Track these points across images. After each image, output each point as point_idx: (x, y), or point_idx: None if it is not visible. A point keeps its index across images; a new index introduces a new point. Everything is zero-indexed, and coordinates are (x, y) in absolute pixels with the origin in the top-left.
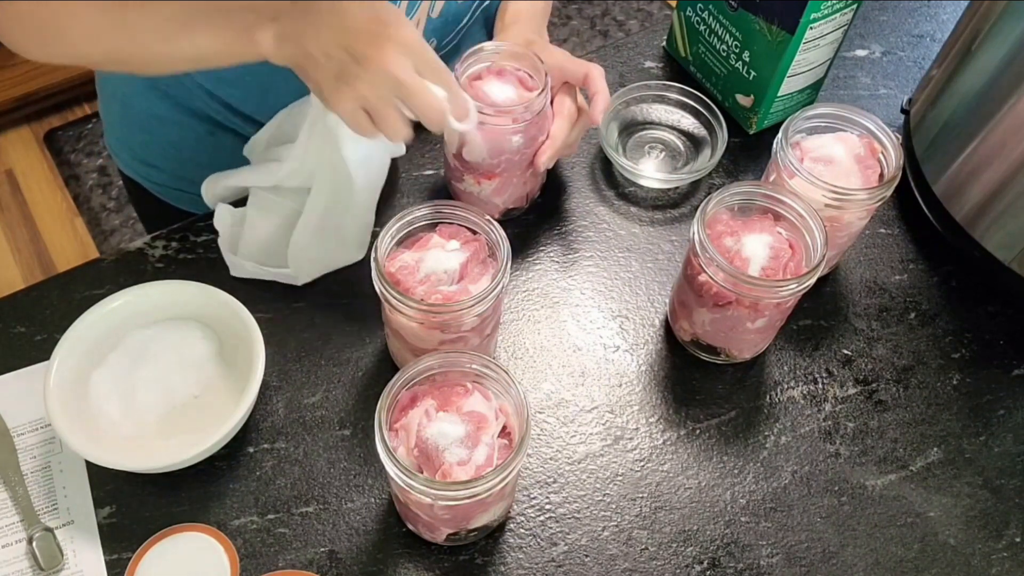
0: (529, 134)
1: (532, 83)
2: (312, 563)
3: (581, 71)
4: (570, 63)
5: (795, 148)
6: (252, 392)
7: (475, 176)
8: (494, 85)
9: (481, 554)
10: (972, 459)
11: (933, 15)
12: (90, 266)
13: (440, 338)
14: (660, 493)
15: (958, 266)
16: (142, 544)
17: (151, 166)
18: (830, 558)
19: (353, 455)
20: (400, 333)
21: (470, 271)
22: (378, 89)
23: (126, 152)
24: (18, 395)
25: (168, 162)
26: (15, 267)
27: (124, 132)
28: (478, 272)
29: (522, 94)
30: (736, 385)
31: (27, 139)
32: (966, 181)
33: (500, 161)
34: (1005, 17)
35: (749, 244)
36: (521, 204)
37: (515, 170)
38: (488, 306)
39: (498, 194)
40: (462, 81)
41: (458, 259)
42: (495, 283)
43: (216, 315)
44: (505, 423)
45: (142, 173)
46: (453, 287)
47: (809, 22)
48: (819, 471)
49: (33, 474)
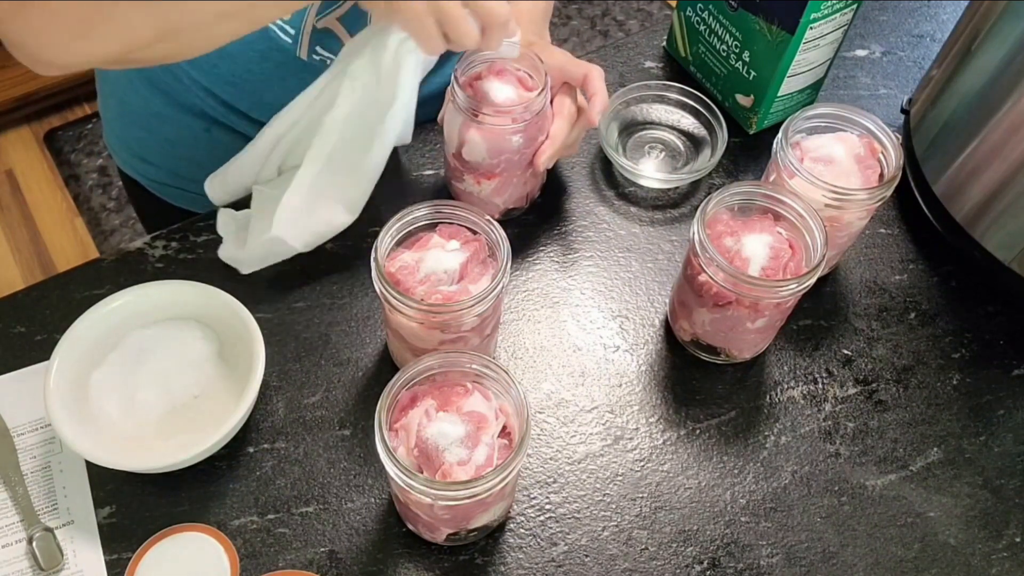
0: (529, 134)
1: (532, 83)
2: (312, 563)
3: (581, 72)
4: (570, 64)
5: (795, 148)
6: (252, 392)
7: (475, 176)
8: (494, 85)
9: (481, 554)
10: (972, 459)
11: (933, 15)
12: (90, 266)
13: (440, 338)
14: (660, 493)
15: (958, 266)
16: (142, 544)
17: (149, 163)
18: (830, 558)
19: (353, 455)
20: (400, 333)
21: (470, 271)
22: None
23: (124, 150)
24: (18, 395)
25: (166, 159)
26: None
27: (122, 129)
28: (478, 272)
29: (522, 94)
30: (736, 385)
31: (27, 139)
32: (966, 181)
33: (500, 161)
34: (1005, 17)
35: (749, 244)
36: (521, 204)
37: (515, 170)
38: (488, 306)
39: (498, 194)
40: (462, 81)
41: (458, 259)
42: (495, 283)
43: (216, 315)
44: (505, 423)
45: (140, 170)
46: (453, 287)
47: (809, 22)
48: (819, 471)
49: (33, 474)
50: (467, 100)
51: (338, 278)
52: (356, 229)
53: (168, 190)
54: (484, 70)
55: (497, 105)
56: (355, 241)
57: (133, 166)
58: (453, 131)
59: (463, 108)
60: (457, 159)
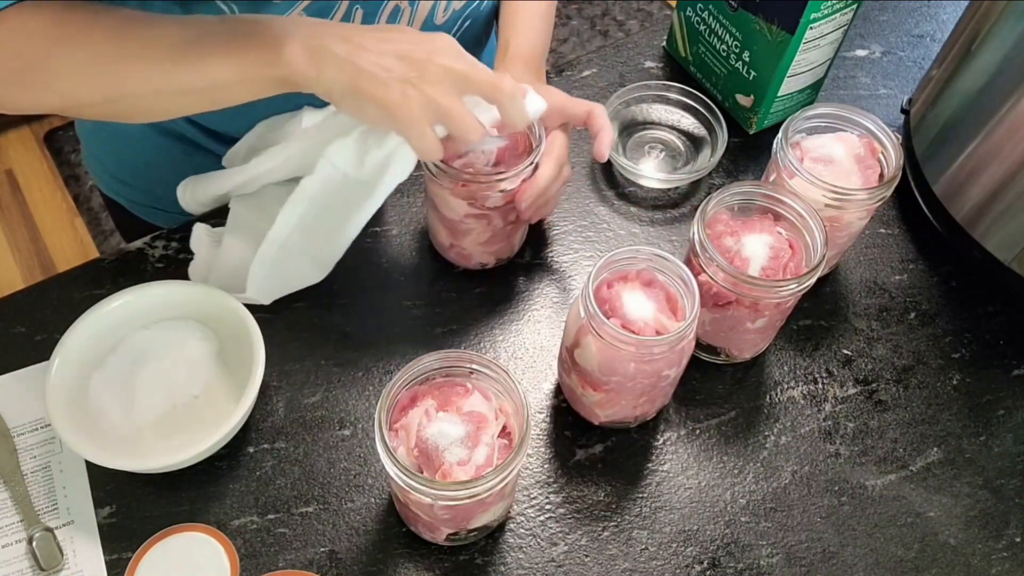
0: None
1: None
2: (312, 563)
3: (583, 110)
4: (570, 104)
5: (795, 148)
6: (252, 392)
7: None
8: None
9: (481, 554)
10: (972, 459)
11: (933, 15)
12: (90, 266)
13: (466, 210)
14: (660, 493)
15: (958, 266)
16: (142, 544)
17: (127, 184)
18: (830, 558)
19: (353, 455)
20: (434, 201)
21: (507, 160)
22: (446, 87)
23: (103, 171)
24: (18, 395)
25: (144, 182)
26: (15, 267)
27: (100, 151)
28: (514, 163)
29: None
30: (736, 385)
31: (27, 139)
32: (966, 181)
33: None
34: (1005, 17)
35: (749, 244)
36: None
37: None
38: (513, 186)
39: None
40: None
41: (497, 144)
42: (526, 163)
43: (216, 315)
44: (505, 423)
45: (119, 191)
46: (487, 169)
47: (809, 22)
48: (819, 471)
49: (33, 474)
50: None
51: (338, 278)
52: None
53: (148, 211)
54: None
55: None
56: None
57: (112, 187)
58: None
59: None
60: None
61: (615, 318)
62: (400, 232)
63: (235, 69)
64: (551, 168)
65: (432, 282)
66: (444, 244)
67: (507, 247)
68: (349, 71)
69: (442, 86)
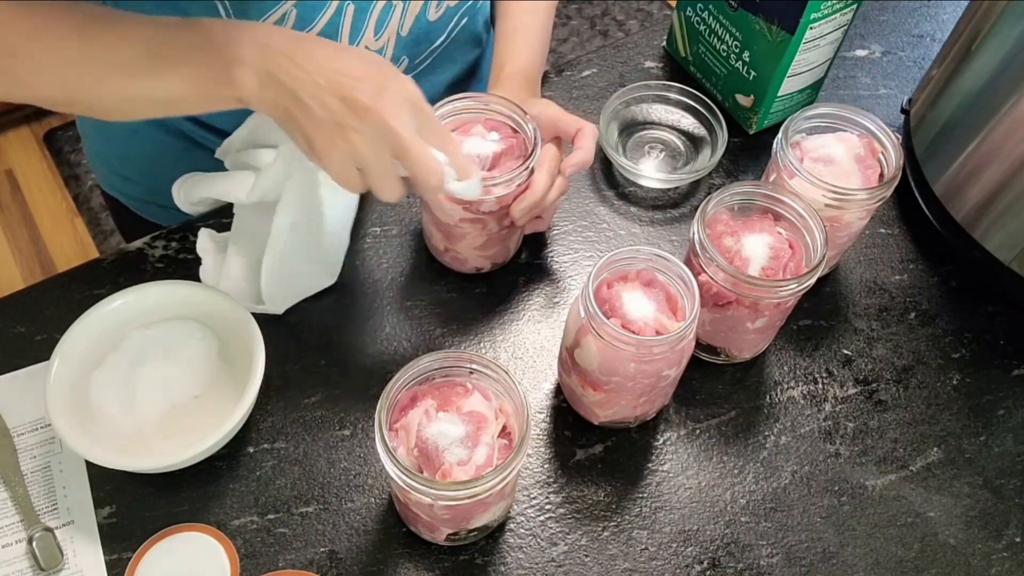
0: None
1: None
2: (312, 563)
3: (574, 127)
4: (564, 119)
5: (795, 148)
6: (252, 392)
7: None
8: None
9: (481, 554)
10: (972, 459)
11: (933, 15)
12: (90, 266)
13: (461, 214)
14: (660, 493)
15: (958, 266)
16: (142, 544)
17: (128, 180)
18: (830, 558)
19: (353, 455)
20: (429, 205)
21: (503, 163)
22: (375, 144)
23: (104, 166)
24: (18, 395)
25: (145, 177)
26: (15, 267)
27: (102, 146)
28: (510, 167)
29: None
30: (736, 385)
31: (27, 139)
32: (966, 181)
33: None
34: (1005, 17)
35: (749, 244)
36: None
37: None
38: (507, 192)
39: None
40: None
41: (492, 148)
42: (516, 170)
43: (216, 315)
44: (505, 423)
45: (120, 188)
46: (483, 172)
47: (809, 22)
48: (819, 471)
49: (33, 474)
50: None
51: (339, 278)
52: (355, 231)
53: (148, 207)
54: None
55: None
56: (355, 242)
57: (113, 183)
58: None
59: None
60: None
61: (615, 318)
62: (400, 233)
63: (191, 85)
64: (545, 178)
65: (432, 282)
66: (439, 248)
67: (503, 251)
68: (288, 99)
69: (374, 144)
